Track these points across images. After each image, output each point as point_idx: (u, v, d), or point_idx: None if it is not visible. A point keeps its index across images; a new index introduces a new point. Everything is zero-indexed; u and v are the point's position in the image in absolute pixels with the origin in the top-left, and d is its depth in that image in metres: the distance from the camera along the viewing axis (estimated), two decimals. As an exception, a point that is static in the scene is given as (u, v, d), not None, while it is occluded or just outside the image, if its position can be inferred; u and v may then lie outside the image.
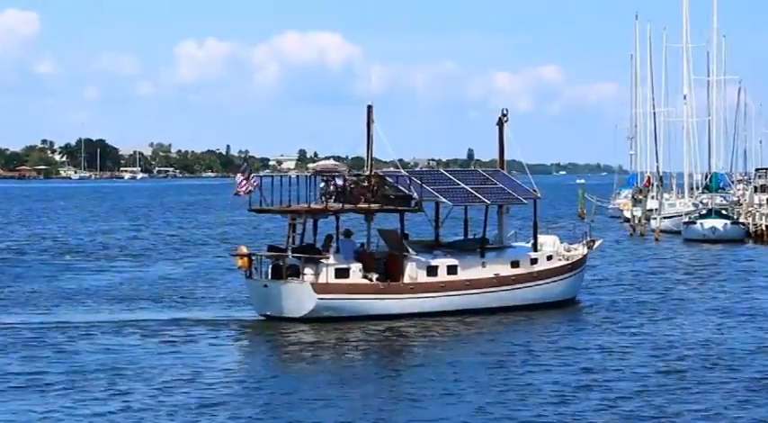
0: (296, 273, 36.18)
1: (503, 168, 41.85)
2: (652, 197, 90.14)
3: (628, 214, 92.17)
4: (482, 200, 39.55)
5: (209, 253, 64.23)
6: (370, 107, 39.04)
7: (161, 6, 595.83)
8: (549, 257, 40.60)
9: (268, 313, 36.50)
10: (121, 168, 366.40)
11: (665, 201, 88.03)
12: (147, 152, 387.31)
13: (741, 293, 45.36)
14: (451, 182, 39.70)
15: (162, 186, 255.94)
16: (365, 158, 40.28)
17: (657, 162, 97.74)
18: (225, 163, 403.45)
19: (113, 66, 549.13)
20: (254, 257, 37.30)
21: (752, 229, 75.80)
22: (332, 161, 42.72)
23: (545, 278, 40.11)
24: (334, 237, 37.49)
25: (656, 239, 76.31)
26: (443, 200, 38.99)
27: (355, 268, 36.59)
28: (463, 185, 39.49)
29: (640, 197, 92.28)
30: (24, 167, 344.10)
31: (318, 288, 35.90)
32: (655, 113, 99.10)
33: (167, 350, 31.64)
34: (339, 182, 37.95)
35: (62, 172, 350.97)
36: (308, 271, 36.07)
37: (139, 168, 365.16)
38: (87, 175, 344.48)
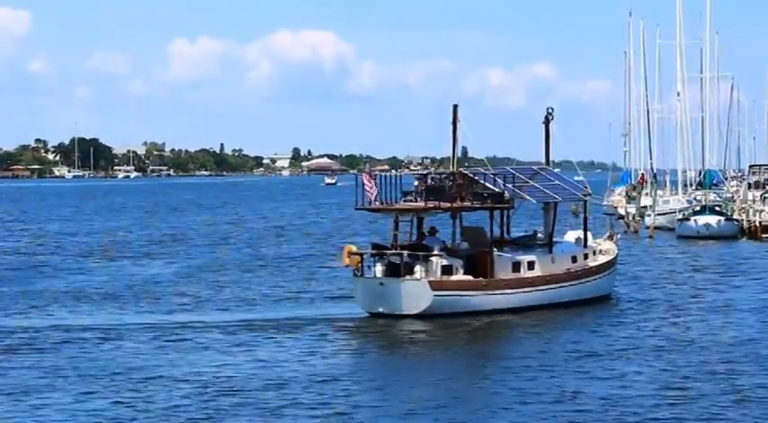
0: (409, 270, 36.68)
1: (548, 165, 42.65)
2: (646, 194, 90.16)
3: (622, 211, 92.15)
4: (555, 197, 40.79)
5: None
6: (455, 106, 40.01)
7: (153, 5, 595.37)
8: (594, 253, 41.81)
9: (380, 310, 36.76)
10: (115, 167, 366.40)
11: (659, 197, 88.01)
12: (141, 151, 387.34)
13: (756, 291, 45.12)
14: (521, 179, 40.26)
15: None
16: (357, 156, 40.78)
17: (651, 159, 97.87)
18: (219, 161, 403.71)
19: (106, 64, 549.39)
20: (364, 255, 37.71)
21: (745, 225, 75.81)
22: (326, 159, 43.03)
23: (598, 273, 41.38)
24: (425, 235, 38.26)
25: (650, 236, 76.25)
26: (527, 197, 39.93)
27: (458, 265, 37.28)
28: (533, 183, 40.36)
29: (634, 194, 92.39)
30: (18, 167, 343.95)
31: (434, 285, 36.39)
32: (648, 110, 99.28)
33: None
34: (429, 181, 38.97)
35: (56, 171, 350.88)
36: (420, 268, 36.66)
37: (133, 167, 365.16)
38: (81, 174, 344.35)
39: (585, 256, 41.29)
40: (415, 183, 39.05)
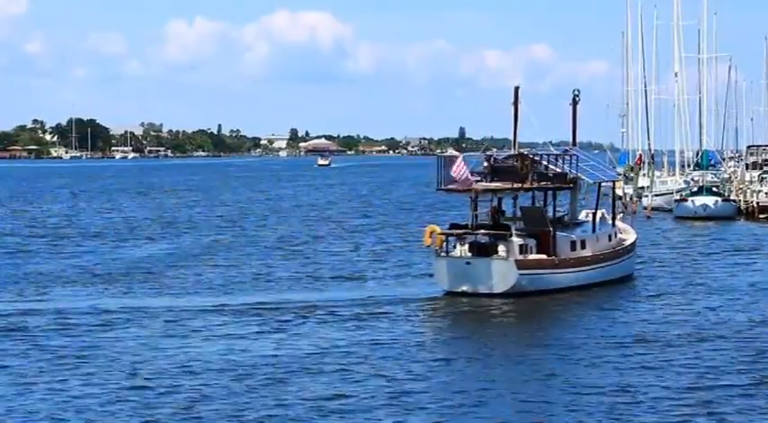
0: (494, 250, 37.31)
1: (575, 146, 43.44)
2: (643, 175, 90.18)
3: (619, 192, 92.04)
4: (602, 178, 42.67)
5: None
6: (517, 88, 40.84)
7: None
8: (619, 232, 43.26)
9: (464, 289, 37.11)
10: (113, 148, 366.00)
11: (657, 178, 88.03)
12: (139, 132, 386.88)
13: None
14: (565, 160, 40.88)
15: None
16: (355, 137, 40.93)
17: (649, 140, 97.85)
18: (216, 142, 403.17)
19: (103, 45, 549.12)
20: (449, 236, 38.04)
21: (743, 206, 75.89)
22: (323, 140, 43.22)
23: (631, 252, 42.76)
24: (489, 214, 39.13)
25: (648, 217, 76.24)
26: (584, 178, 41.23)
27: (532, 244, 37.95)
28: (579, 165, 40.93)
29: (632, 175, 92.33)
30: (15, 147, 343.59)
31: (519, 264, 37.03)
32: (646, 91, 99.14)
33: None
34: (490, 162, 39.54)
35: (53, 152, 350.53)
36: (502, 248, 37.27)
37: (131, 148, 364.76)
38: (79, 154, 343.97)
39: (615, 235, 42.48)
40: (485, 164, 39.57)
